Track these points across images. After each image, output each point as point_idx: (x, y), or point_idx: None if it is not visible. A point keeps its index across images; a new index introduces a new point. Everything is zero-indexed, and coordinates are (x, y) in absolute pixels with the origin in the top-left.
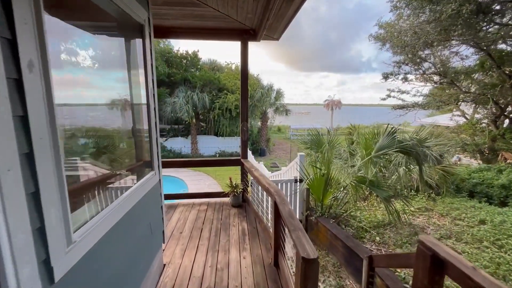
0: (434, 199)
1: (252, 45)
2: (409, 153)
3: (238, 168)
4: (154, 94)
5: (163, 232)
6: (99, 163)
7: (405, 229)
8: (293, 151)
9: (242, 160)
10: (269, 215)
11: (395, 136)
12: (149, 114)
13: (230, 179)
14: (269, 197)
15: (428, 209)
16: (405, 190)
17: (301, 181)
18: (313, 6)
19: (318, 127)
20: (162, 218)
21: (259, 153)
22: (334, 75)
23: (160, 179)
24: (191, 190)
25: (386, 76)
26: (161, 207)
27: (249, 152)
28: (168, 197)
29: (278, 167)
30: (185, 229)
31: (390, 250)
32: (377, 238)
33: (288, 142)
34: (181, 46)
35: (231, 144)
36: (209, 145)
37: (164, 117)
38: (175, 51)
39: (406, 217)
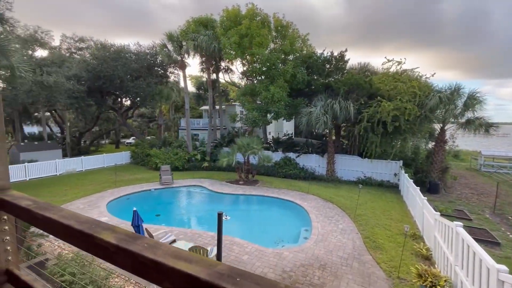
0: None
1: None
2: None
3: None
4: None
5: None
6: None
7: None
8: (503, 194)
9: None
10: None
11: None
12: None
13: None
14: None
15: None
16: None
17: None
18: None
19: None
20: None
21: (428, 188)
22: None
23: None
24: (315, 234)
25: None
26: None
27: (409, 182)
28: None
29: (473, 228)
30: None
31: None
32: None
33: (478, 175)
34: (328, 47)
35: (382, 170)
36: (350, 167)
37: (302, 130)
38: (318, 54)
39: None
